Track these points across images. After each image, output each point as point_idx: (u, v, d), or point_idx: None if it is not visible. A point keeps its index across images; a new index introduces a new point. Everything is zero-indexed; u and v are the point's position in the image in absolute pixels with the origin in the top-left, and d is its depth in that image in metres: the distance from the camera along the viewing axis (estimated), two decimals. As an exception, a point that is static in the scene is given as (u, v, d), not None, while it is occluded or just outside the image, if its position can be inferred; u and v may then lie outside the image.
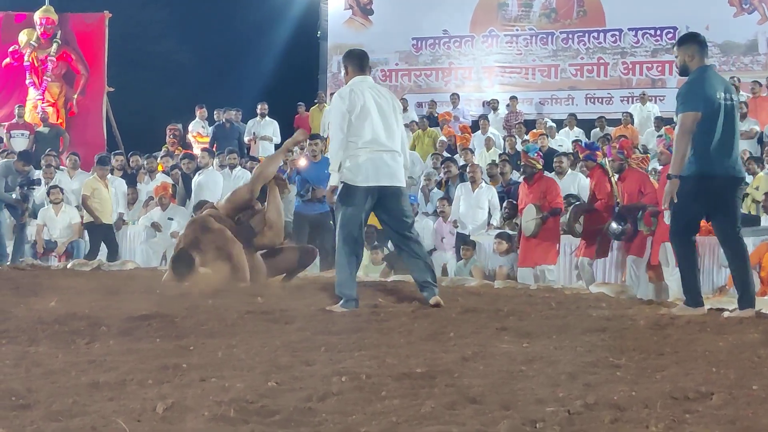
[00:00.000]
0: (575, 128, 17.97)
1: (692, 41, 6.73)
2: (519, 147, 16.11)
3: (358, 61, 7.18)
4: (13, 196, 12.23)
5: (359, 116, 6.82)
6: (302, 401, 3.61)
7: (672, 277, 9.13)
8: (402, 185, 7.06)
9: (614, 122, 17.96)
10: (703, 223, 7.00)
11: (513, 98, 19.18)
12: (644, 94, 18.55)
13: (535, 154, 10.54)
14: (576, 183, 12.06)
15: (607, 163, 10.22)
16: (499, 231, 11.57)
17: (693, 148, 6.43)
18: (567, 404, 3.57)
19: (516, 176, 13.11)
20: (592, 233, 9.98)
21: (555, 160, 12.37)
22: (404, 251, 7.18)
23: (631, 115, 17.89)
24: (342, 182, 6.93)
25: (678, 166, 6.46)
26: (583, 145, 11.53)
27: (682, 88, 6.71)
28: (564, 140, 16.92)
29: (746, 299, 6.38)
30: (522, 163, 10.88)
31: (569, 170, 12.22)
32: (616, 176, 10.11)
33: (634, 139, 15.68)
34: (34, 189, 12.99)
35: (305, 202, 11.36)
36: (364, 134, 6.82)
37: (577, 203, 10.64)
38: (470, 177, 12.03)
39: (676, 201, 6.49)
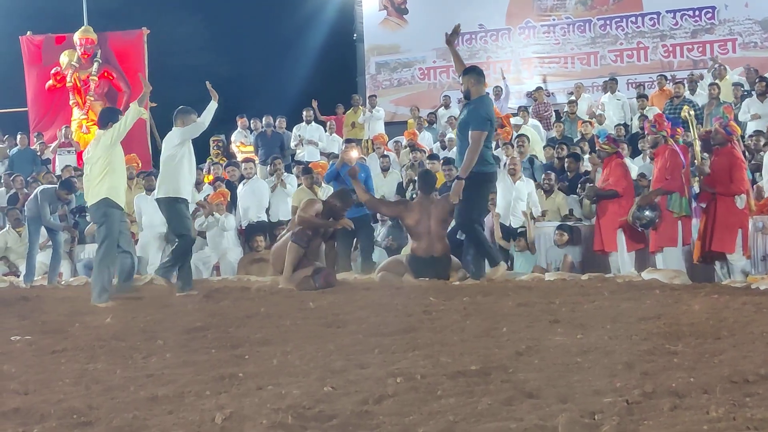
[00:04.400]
0: (617, 92, 17.87)
1: (473, 72, 8.84)
2: (568, 133, 16.06)
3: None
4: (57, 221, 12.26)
5: None
6: (358, 404, 3.62)
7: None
8: None
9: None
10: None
11: (539, 89, 19.04)
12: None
13: (606, 139, 10.33)
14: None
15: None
16: (559, 223, 11.49)
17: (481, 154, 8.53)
18: (625, 394, 3.54)
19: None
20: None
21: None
22: None
23: (666, 77, 17.71)
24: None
25: (465, 172, 8.57)
26: (667, 119, 10.30)
27: (472, 112, 8.68)
28: (608, 126, 16.73)
29: None
30: (597, 148, 10.74)
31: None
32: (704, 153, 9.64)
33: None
34: (85, 216, 13.13)
35: None
36: None
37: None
38: (510, 170, 11.95)
39: (461, 198, 8.59)
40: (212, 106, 9.28)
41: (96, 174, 8.67)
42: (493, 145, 9.19)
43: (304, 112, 17.82)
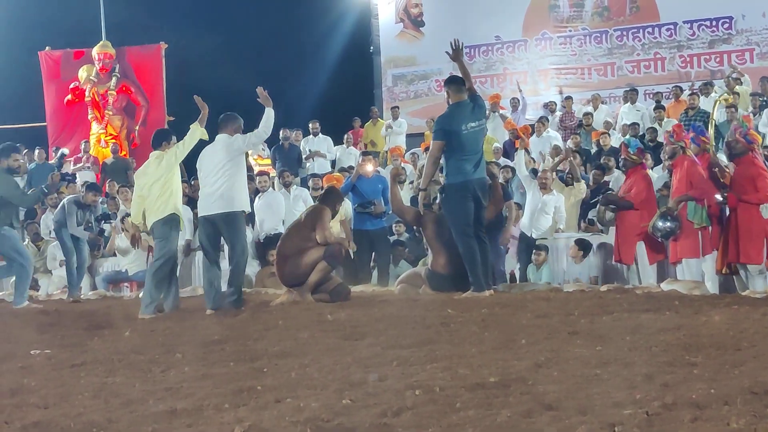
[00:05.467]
0: (637, 103, 17.85)
1: (452, 82, 8.94)
2: (584, 145, 16.04)
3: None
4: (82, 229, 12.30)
5: None
6: (377, 417, 3.61)
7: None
8: None
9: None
10: None
11: (568, 99, 19.04)
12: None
13: (636, 149, 10.22)
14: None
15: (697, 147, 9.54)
16: (576, 237, 11.46)
17: (449, 165, 8.51)
18: (645, 406, 3.52)
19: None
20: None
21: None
22: None
23: (680, 88, 17.69)
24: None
25: (424, 183, 8.82)
26: (692, 129, 10.16)
27: (436, 120, 8.89)
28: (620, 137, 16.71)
29: None
30: (622, 157, 10.64)
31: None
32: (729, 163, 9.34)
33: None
34: (110, 223, 13.17)
35: (360, 214, 11.35)
36: None
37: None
38: (541, 182, 11.90)
39: (445, 213, 8.65)
40: (270, 113, 8.69)
41: (156, 194, 8.64)
42: (474, 154, 8.54)
43: (310, 125, 17.89)
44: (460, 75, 9.00)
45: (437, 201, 9.25)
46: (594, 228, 11.88)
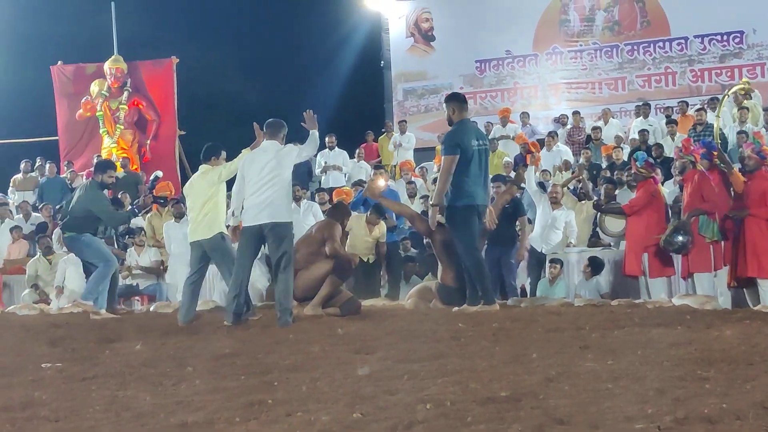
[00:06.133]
0: (649, 117, 17.86)
1: (454, 100, 8.70)
2: (594, 159, 16.02)
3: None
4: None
5: None
6: (388, 431, 3.61)
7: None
8: None
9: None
10: None
11: (575, 113, 19.02)
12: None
13: (644, 163, 10.26)
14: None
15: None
16: (586, 252, 11.46)
17: (454, 184, 8.26)
18: (657, 420, 3.51)
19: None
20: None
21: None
22: None
23: (687, 103, 17.70)
24: None
25: (437, 199, 8.42)
26: (701, 143, 10.08)
27: (445, 137, 8.59)
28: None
29: None
30: (633, 171, 10.68)
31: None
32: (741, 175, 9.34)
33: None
34: (133, 237, 13.13)
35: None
36: None
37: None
38: (552, 198, 11.88)
39: (452, 231, 8.43)
40: (315, 135, 8.54)
41: (198, 207, 8.70)
42: (478, 175, 8.37)
43: (327, 138, 17.93)
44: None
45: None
46: (601, 242, 11.90)
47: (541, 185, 13.26)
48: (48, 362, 6.10)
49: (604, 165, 15.64)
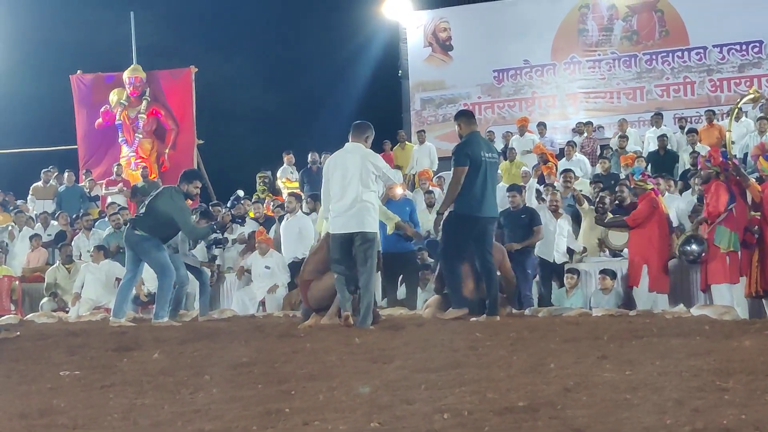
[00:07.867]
0: (662, 126, 17.80)
1: (463, 116, 8.95)
2: (613, 169, 15.97)
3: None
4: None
5: None
6: (406, 440, 3.60)
7: None
8: None
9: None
10: None
11: (588, 124, 18.98)
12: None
13: (641, 176, 10.38)
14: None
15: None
16: (603, 268, 11.43)
17: (461, 193, 8.36)
18: (675, 431, 3.49)
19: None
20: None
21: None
22: None
23: (714, 113, 17.59)
24: None
25: (443, 207, 8.60)
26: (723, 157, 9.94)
27: (456, 148, 8.60)
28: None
29: None
30: (632, 186, 10.79)
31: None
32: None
33: (723, 136, 15.38)
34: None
35: (387, 237, 11.32)
36: None
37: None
38: (552, 207, 11.90)
39: (442, 233, 8.60)
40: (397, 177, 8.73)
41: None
42: (486, 187, 8.44)
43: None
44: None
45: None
46: (606, 246, 11.95)
47: (538, 192, 13.36)
48: (66, 370, 6.12)
49: (623, 175, 15.58)
